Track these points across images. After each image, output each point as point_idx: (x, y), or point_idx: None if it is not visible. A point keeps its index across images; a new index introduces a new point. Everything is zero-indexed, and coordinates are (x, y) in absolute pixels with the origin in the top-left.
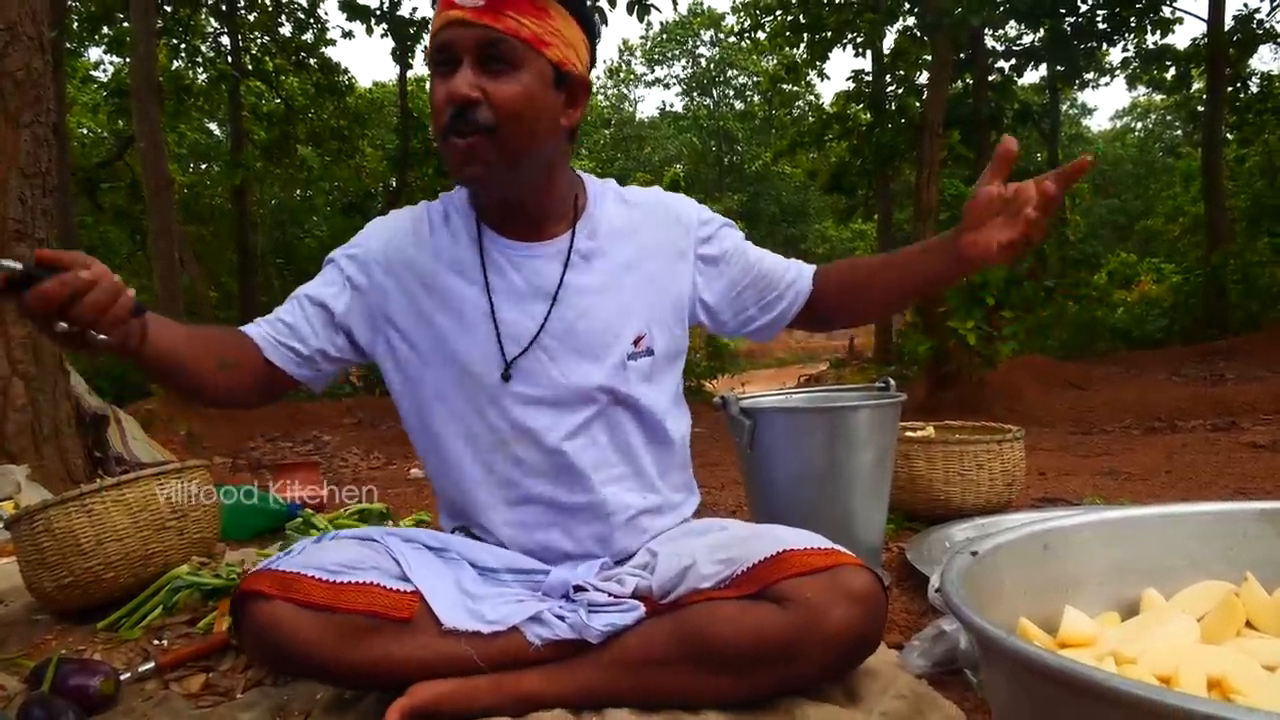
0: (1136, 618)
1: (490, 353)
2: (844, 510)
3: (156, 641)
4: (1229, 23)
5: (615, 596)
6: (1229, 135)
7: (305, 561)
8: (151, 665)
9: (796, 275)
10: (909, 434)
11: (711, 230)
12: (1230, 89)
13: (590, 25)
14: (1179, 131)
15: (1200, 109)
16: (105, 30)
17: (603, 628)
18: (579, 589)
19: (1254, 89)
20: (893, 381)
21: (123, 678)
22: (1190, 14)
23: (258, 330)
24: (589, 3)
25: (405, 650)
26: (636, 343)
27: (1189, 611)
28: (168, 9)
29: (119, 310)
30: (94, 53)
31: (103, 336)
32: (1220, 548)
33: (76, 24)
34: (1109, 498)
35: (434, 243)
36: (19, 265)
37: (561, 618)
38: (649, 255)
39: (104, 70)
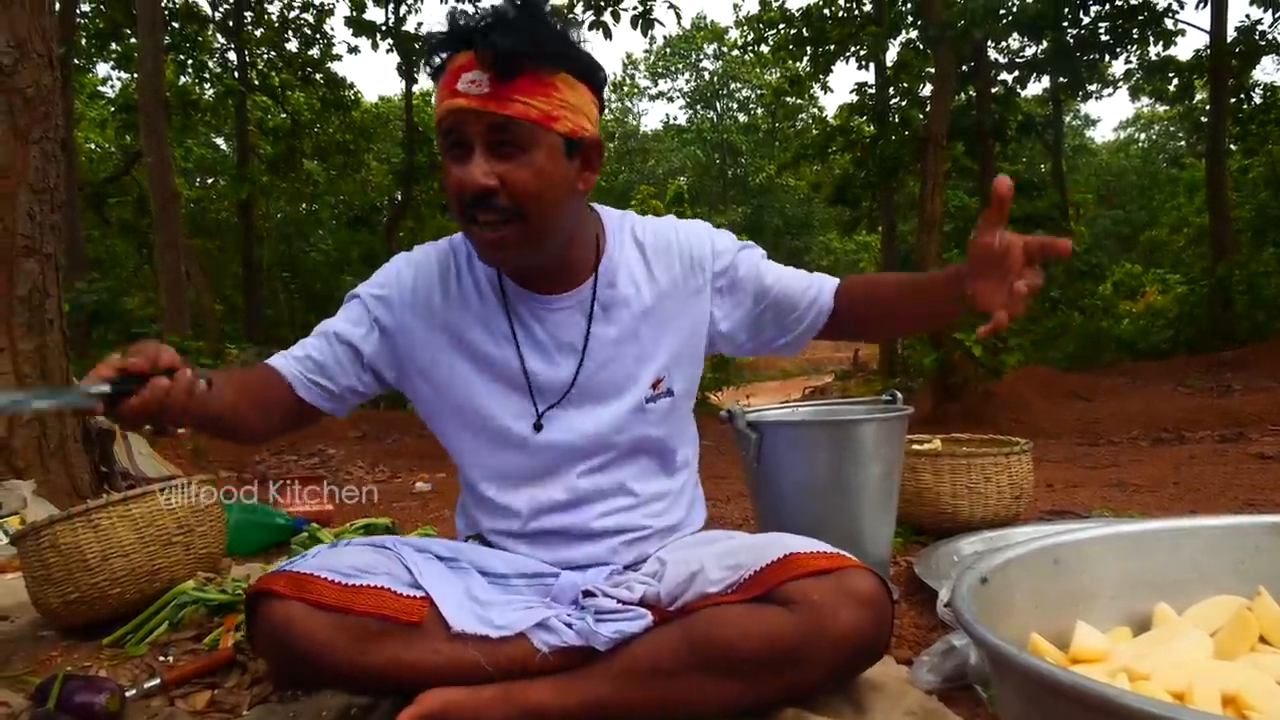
0: (1149, 633)
1: (523, 407)
2: (851, 524)
3: (162, 658)
4: (1231, 34)
5: (623, 603)
6: (1233, 146)
7: (320, 564)
8: (157, 682)
9: (817, 293)
10: (916, 447)
11: (727, 261)
12: (1233, 100)
13: (596, 79)
14: (1183, 142)
15: (1204, 120)
16: (113, 46)
17: (610, 635)
18: (588, 594)
19: (1257, 100)
20: (899, 394)
21: (128, 694)
22: (1192, 25)
23: (288, 367)
24: (589, 38)
25: (414, 654)
26: (655, 385)
27: (1202, 626)
28: (175, 25)
29: (197, 403)
30: (102, 69)
31: (180, 430)
32: (1232, 561)
33: (85, 40)
34: (1118, 510)
35: (460, 292)
36: (107, 388)
37: (570, 625)
38: (665, 297)
39: (112, 86)
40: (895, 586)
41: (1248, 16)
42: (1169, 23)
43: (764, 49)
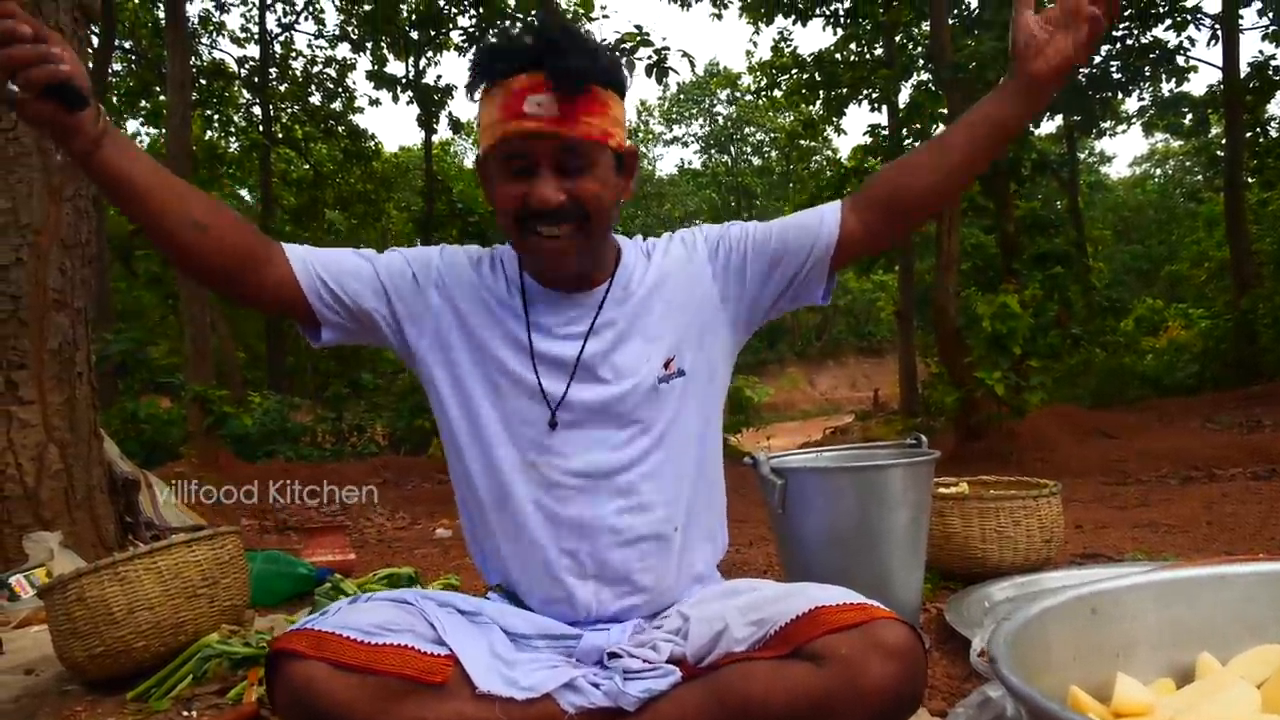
0: (1192, 685)
1: (535, 399)
2: (880, 570)
3: (186, 713)
4: (1244, 70)
5: (650, 663)
6: (1250, 180)
7: (340, 622)
8: None
9: (820, 220)
10: (942, 490)
11: (718, 232)
12: (1249, 134)
13: (625, 88)
14: (1199, 177)
15: (1220, 154)
16: (143, 103)
17: (639, 694)
18: (613, 655)
19: (1274, 133)
20: (924, 438)
21: None
22: (1204, 62)
23: (300, 253)
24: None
25: (438, 715)
26: (667, 365)
27: (1247, 677)
28: (203, 82)
29: (42, 72)
30: (131, 124)
31: (14, 88)
32: (1275, 609)
33: (116, 98)
34: (1151, 552)
35: (483, 284)
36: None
37: (597, 685)
38: (670, 282)
39: (140, 141)
40: (926, 635)
41: (1260, 52)
42: (1181, 60)
43: (777, 93)
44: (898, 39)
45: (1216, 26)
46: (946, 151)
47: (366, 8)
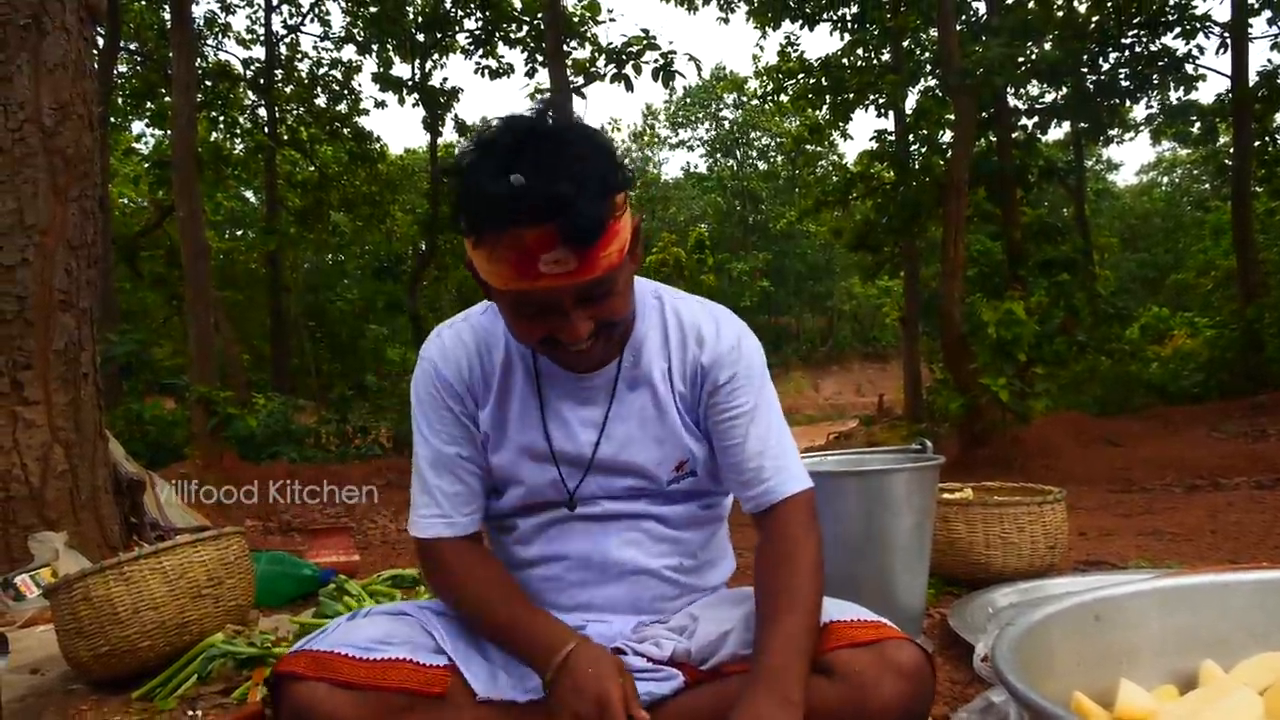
0: (1195, 691)
1: (552, 480)
2: (884, 575)
3: (191, 712)
4: (1253, 79)
5: (653, 661)
6: (1258, 189)
7: (339, 640)
8: None
9: (759, 493)
10: (946, 496)
11: (723, 378)
12: (1257, 143)
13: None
14: (1206, 185)
15: (1228, 162)
16: (149, 105)
17: (641, 696)
18: (617, 652)
19: None
20: (929, 443)
21: None
22: (1213, 70)
23: (456, 523)
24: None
25: None
26: (679, 468)
27: (1250, 684)
28: (208, 84)
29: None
30: (136, 126)
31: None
32: (1278, 616)
33: (121, 100)
34: (1155, 560)
35: (494, 368)
36: None
37: None
38: (679, 382)
39: (145, 142)
40: (930, 640)
41: (1269, 61)
42: (1189, 68)
43: (783, 98)
44: (905, 44)
45: (1225, 35)
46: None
47: (372, 10)
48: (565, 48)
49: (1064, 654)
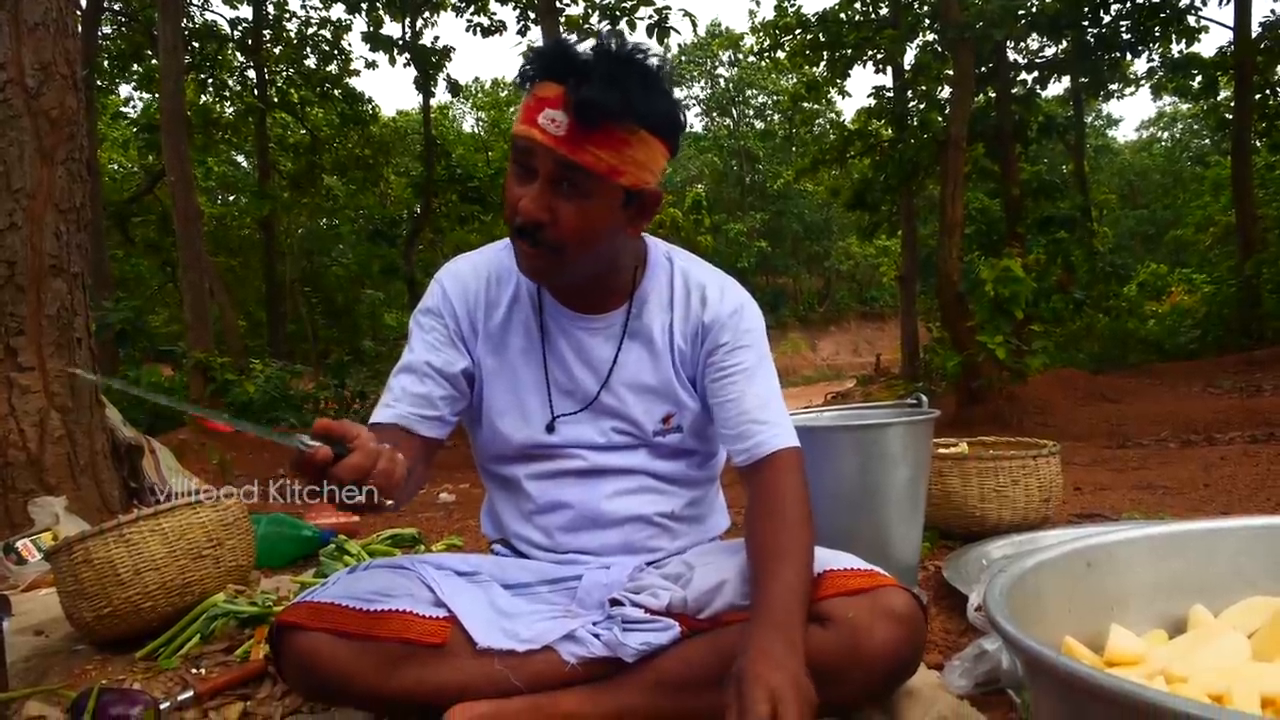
0: (1185, 635)
1: (541, 411)
2: (879, 528)
3: (194, 670)
4: (1255, 30)
5: (650, 611)
6: (1258, 143)
7: (339, 592)
8: (190, 694)
9: (751, 445)
10: (942, 451)
11: (725, 338)
12: (1258, 97)
13: (675, 134)
14: (1206, 140)
15: (1228, 117)
16: (135, 67)
17: (638, 646)
18: (614, 603)
19: None
20: (925, 398)
21: (162, 707)
22: (1215, 22)
23: (401, 414)
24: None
25: (441, 675)
26: (665, 420)
27: (1238, 628)
28: (195, 45)
29: (398, 477)
30: (123, 89)
31: (390, 501)
32: (1267, 562)
33: (107, 62)
34: (1148, 512)
35: (500, 297)
36: (316, 443)
37: (597, 636)
38: (680, 339)
39: (133, 106)
40: (924, 592)
41: (1272, 12)
42: (1191, 20)
43: (780, 55)
44: None
45: None
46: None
47: None
48: (558, 4)
49: (1055, 600)
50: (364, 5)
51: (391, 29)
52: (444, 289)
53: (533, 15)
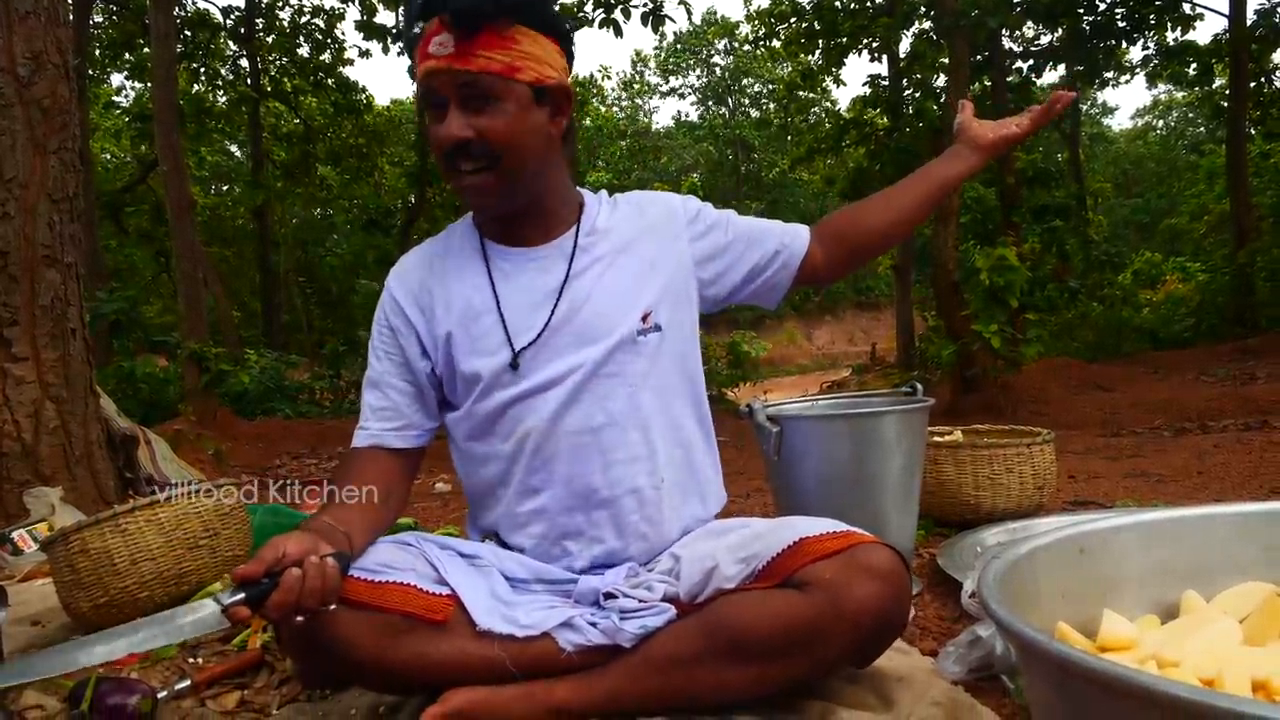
0: (1177, 620)
1: (499, 345)
2: (874, 516)
3: (191, 659)
4: (1250, 18)
5: (645, 602)
6: (1253, 131)
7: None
8: (187, 683)
9: (794, 235)
10: (937, 439)
11: (697, 208)
12: (1253, 85)
13: (560, 32)
14: (1202, 129)
15: (1223, 105)
16: (127, 57)
17: (636, 631)
18: (609, 596)
19: (1278, 84)
20: (920, 386)
21: (159, 696)
22: (1210, 9)
23: (375, 435)
24: (556, 9)
25: (440, 652)
26: (644, 319)
27: (1230, 613)
28: (188, 34)
29: (333, 583)
30: (115, 79)
31: (332, 606)
32: (1259, 548)
33: (98, 51)
34: (1141, 500)
35: (445, 268)
36: (242, 595)
37: (594, 623)
38: (644, 239)
39: (126, 96)
40: (919, 579)
41: (1267, 0)
42: (1186, 7)
43: (775, 43)
44: None
45: None
46: (895, 200)
47: None
48: None
49: (1049, 586)
50: None
51: (385, 17)
52: (391, 293)
53: None
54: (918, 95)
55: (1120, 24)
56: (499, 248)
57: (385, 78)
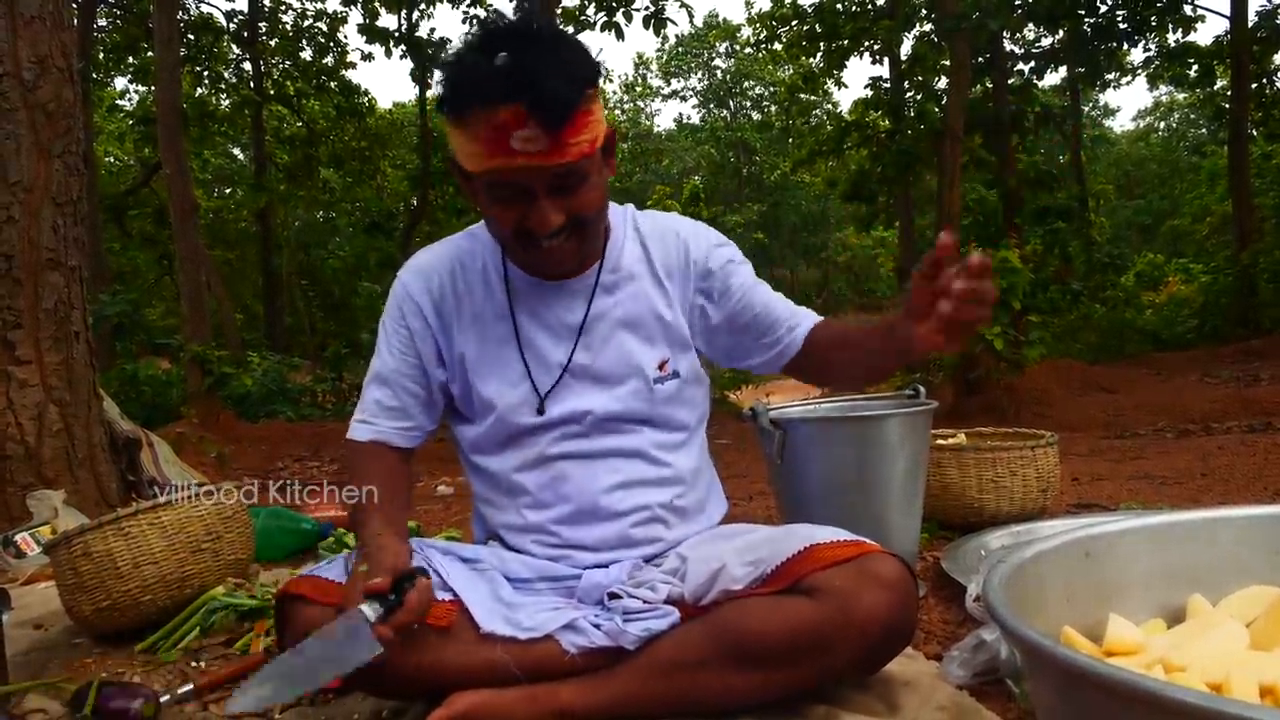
0: (1183, 624)
1: (525, 391)
2: (877, 520)
3: (194, 663)
4: (1252, 19)
5: (649, 603)
6: (1255, 132)
7: (345, 569)
8: (190, 687)
9: (797, 324)
10: (940, 442)
11: (719, 264)
12: (1255, 86)
13: (599, 78)
14: (1203, 130)
15: (1225, 106)
16: (130, 60)
17: (639, 633)
18: (613, 596)
19: None
20: (922, 389)
21: (162, 700)
22: (1212, 11)
23: (383, 433)
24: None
25: (444, 657)
26: (661, 367)
27: (1237, 617)
28: (191, 37)
29: (430, 601)
30: (119, 82)
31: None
32: (1266, 551)
33: (102, 55)
34: (1146, 502)
35: (467, 286)
36: (380, 608)
37: (597, 625)
38: (663, 281)
39: (129, 99)
40: (923, 582)
41: (1269, 1)
42: (1188, 9)
43: (777, 46)
44: None
45: None
46: (872, 361)
47: None
48: None
49: (1054, 590)
50: None
51: (388, 21)
52: (407, 288)
53: (528, 7)
54: (919, 97)
55: (1121, 26)
56: (525, 278)
57: (388, 81)
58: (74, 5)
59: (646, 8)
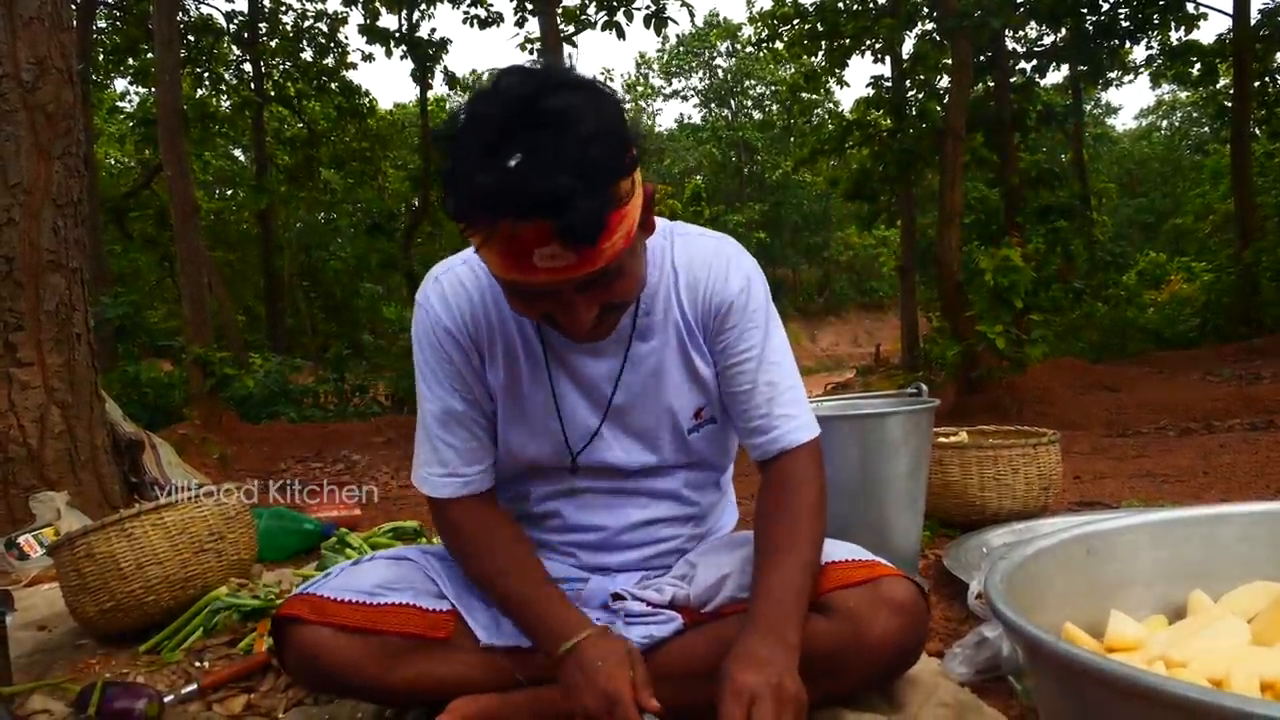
0: (1184, 620)
1: (558, 447)
2: (879, 517)
3: (198, 663)
4: (1255, 18)
5: (653, 605)
6: (1257, 131)
7: (342, 585)
8: (194, 687)
9: (766, 440)
10: (942, 440)
11: (734, 323)
12: (1257, 84)
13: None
14: (1205, 128)
15: (1227, 104)
16: (130, 62)
17: (640, 639)
18: (617, 597)
19: None
20: (924, 387)
21: (166, 700)
22: (1214, 9)
23: (469, 480)
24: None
25: (445, 668)
26: (698, 415)
27: (1238, 613)
28: (191, 39)
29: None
30: (119, 84)
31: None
32: (1266, 547)
33: (102, 56)
34: (1148, 500)
35: (501, 313)
36: None
37: None
38: (693, 327)
39: (130, 101)
40: (925, 580)
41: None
42: (1190, 7)
43: (778, 45)
44: None
45: None
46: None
47: None
48: None
49: (1056, 586)
50: None
51: (388, 21)
52: (439, 318)
53: (530, 7)
54: (921, 96)
55: (1124, 24)
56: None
57: (389, 81)
58: (73, 6)
59: (647, 7)
